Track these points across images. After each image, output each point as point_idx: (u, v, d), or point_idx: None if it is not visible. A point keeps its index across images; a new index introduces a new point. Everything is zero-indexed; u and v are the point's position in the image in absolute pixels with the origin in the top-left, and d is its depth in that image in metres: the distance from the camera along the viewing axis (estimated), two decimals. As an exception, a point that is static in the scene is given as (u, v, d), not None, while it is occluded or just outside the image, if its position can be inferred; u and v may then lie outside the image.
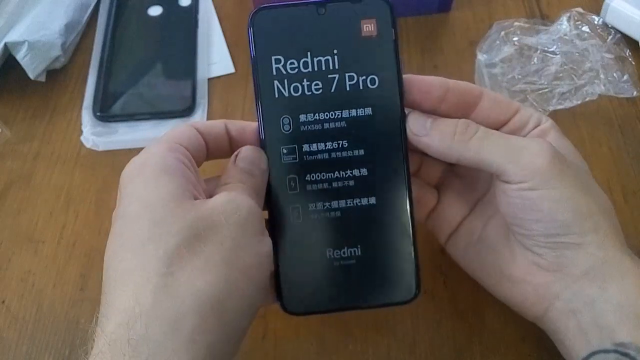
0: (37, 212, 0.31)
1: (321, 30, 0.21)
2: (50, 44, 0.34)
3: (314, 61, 0.21)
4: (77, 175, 0.32)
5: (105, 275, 0.19)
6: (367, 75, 0.21)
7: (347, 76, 0.21)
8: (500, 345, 0.25)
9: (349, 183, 0.21)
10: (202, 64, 0.35)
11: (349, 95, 0.21)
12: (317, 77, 0.21)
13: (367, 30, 0.21)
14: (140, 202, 0.19)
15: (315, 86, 0.21)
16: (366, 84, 0.21)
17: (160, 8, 0.38)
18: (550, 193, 0.20)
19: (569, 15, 0.36)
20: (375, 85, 0.21)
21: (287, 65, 0.21)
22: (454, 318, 0.26)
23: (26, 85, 0.35)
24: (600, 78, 0.34)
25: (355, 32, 0.21)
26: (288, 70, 0.21)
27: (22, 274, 0.29)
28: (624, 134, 0.32)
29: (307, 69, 0.21)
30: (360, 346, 0.26)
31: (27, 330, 0.27)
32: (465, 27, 0.37)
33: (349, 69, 0.21)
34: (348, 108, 0.21)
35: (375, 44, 0.21)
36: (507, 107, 0.23)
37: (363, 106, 0.21)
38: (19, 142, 0.33)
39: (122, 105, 0.34)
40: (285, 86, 0.21)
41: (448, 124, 0.21)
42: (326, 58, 0.21)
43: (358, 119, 0.21)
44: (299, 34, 0.21)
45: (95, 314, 0.18)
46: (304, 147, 0.21)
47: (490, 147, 0.21)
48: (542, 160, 0.20)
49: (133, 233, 0.19)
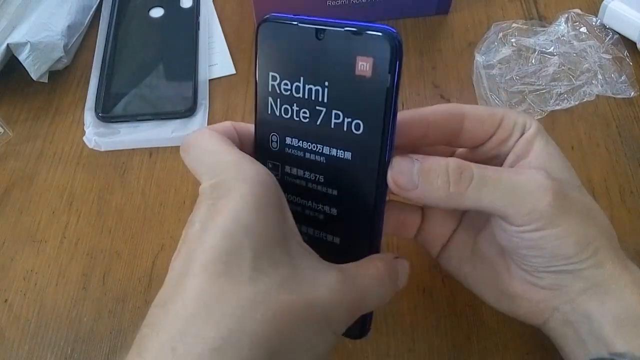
0: (40, 211, 0.31)
1: (316, 58, 0.19)
2: (53, 45, 0.34)
3: (305, 88, 0.19)
4: (79, 175, 0.32)
5: (167, 288, 0.17)
6: (353, 118, 0.19)
7: (334, 113, 0.19)
8: (499, 343, 0.26)
9: (319, 216, 0.21)
10: (203, 65, 0.36)
11: (332, 133, 0.19)
12: (306, 106, 0.19)
13: (362, 69, 0.18)
14: (247, 230, 0.17)
15: (303, 113, 0.20)
16: (350, 127, 0.19)
17: (162, 10, 0.38)
18: (553, 232, 0.19)
19: (566, 17, 0.36)
20: (359, 131, 0.19)
21: (281, 85, 0.20)
22: (452, 316, 0.26)
23: (29, 86, 0.35)
24: (598, 79, 0.34)
25: (349, 67, 0.18)
26: (282, 91, 0.20)
27: (24, 273, 0.29)
28: (622, 134, 0.33)
29: (298, 94, 0.19)
30: (360, 345, 0.26)
31: (29, 329, 0.27)
32: (464, 28, 0.38)
33: (337, 106, 0.19)
34: (329, 145, 0.20)
35: (368, 85, 0.18)
36: (491, 121, 0.21)
37: (343, 148, 0.19)
38: (21, 143, 0.34)
39: (124, 106, 0.34)
40: (277, 105, 0.20)
41: (439, 172, 0.19)
42: (317, 88, 0.19)
43: (336, 159, 0.20)
44: (296, 56, 0.19)
45: None
46: (285, 167, 0.21)
47: (489, 195, 0.19)
48: (544, 204, 0.19)
49: (231, 267, 0.16)
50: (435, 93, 0.35)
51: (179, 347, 0.15)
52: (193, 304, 0.16)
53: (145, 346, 0.16)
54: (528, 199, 0.19)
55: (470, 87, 0.35)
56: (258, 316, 0.16)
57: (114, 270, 0.29)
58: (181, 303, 0.16)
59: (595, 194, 0.30)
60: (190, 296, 0.16)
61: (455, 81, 0.35)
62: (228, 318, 0.15)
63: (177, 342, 0.15)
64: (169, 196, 0.31)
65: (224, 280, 0.16)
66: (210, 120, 0.34)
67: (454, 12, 0.38)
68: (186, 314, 0.16)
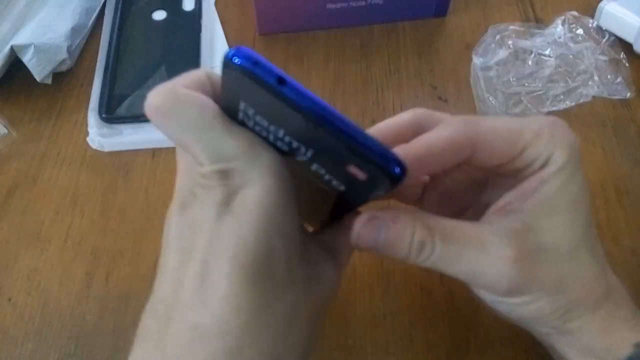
0: (44, 211, 0.31)
1: (302, 130, 0.15)
2: (57, 47, 0.34)
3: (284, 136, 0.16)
4: (83, 176, 0.32)
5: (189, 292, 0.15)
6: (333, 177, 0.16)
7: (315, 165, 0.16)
8: (496, 340, 0.26)
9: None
10: (205, 67, 0.36)
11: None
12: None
13: (355, 172, 0.15)
14: (280, 234, 0.15)
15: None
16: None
17: (165, 12, 0.38)
18: (515, 301, 0.19)
19: (563, 19, 0.36)
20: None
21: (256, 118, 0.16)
22: (450, 314, 0.27)
23: (33, 88, 0.35)
24: (594, 80, 0.34)
25: (341, 165, 0.15)
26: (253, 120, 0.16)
27: (28, 272, 0.29)
28: (617, 135, 0.33)
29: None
30: (359, 341, 0.26)
31: (33, 327, 0.27)
32: (461, 31, 0.38)
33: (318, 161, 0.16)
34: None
35: (358, 181, 0.16)
36: (510, 145, 0.18)
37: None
38: (25, 143, 0.34)
39: (127, 107, 0.34)
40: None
41: (402, 246, 0.18)
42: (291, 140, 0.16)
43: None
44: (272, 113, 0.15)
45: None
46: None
47: (451, 267, 0.18)
48: (506, 282, 0.18)
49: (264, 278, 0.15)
50: (433, 95, 0.35)
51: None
52: (234, 317, 0.14)
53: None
54: (490, 274, 0.18)
55: (468, 88, 0.35)
56: (296, 326, 0.15)
57: (117, 269, 0.29)
58: (211, 315, 0.14)
59: (592, 195, 0.31)
60: (230, 307, 0.14)
61: (453, 83, 0.35)
62: (274, 331, 0.14)
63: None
64: (172, 196, 0.31)
65: (262, 287, 0.14)
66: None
67: (451, 15, 0.39)
68: (223, 330, 0.14)
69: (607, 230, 0.29)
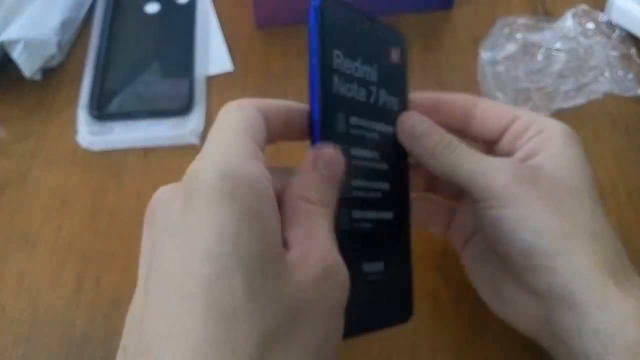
0: (33, 212, 0.30)
1: (368, 43, 0.22)
2: (46, 42, 0.33)
3: (361, 68, 0.21)
4: (72, 176, 0.31)
5: (151, 335, 0.15)
6: (391, 96, 0.23)
7: (381, 92, 0.22)
8: (503, 349, 0.25)
9: (377, 195, 0.22)
10: (200, 62, 0.35)
11: (381, 110, 0.22)
12: (363, 84, 0.21)
13: (395, 56, 0.23)
14: (233, 249, 0.14)
15: (360, 92, 0.21)
16: (391, 105, 0.23)
17: (158, 5, 0.38)
18: (507, 212, 0.20)
19: (573, 12, 0.35)
20: (395, 109, 0.23)
21: (344, 64, 0.20)
22: (456, 321, 0.26)
23: (22, 84, 0.34)
24: (605, 76, 0.33)
25: (387, 55, 0.23)
26: (344, 69, 0.20)
27: (17, 275, 0.28)
28: (629, 133, 0.32)
29: (357, 74, 0.21)
30: (364, 349, 0.25)
31: (22, 332, 0.26)
32: (468, 24, 0.37)
33: (383, 86, 0.22)
34: (381, 122, 0.22)
35: (396, 69, 0.23)
36: (503, 114, 0.23)
37: (390, 124, 0.22)
38: (14, 142, 0.33)
39: (119, 104, 0.33)
40: (342, 83, 0.20)
41: (434, 137, 0.22)
42: (369, 69, 0.21)
43: (385, 134, 0.22)
44: (354, 38, 0.21)
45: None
46: (351, 150, 0.20)
47: (462, 166, 0.21)
48: (501, 181, 0.20)
49: (222, 298, 0.14)
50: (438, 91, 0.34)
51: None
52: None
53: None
54: (489, 174, 0.20)
55: (475, 84, 0.34)
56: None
57: (109, 273, 0.28)
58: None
59: (603, 195, 0.30)
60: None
61: (460, 78, 0.34)
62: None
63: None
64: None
65: (220, 317, 0.14)
66: (208, 118, 0.33)
67: (458, 7, 0.38)
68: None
69: (618, 232, 0.28)
